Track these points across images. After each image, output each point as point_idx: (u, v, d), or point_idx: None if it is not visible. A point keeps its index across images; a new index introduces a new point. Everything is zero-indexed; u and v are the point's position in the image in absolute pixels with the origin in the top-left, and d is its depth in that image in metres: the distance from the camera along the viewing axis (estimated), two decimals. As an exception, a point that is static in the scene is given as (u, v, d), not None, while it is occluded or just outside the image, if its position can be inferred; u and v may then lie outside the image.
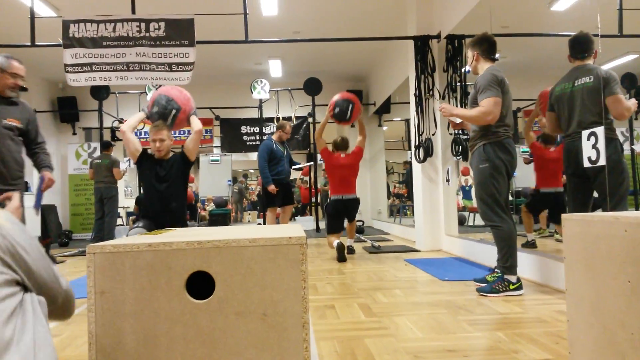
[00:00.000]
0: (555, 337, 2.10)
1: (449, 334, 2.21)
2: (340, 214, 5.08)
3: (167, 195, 3.54)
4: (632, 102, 3.01)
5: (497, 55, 3.26)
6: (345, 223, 5.23)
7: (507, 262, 3.03)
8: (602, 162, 2.74)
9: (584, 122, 2.96)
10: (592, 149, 2.82)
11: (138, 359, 1.14)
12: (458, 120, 3.44)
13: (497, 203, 3.06)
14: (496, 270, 3.21)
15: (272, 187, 5.59)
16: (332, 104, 4.84)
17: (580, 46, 3.08)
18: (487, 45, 3.20)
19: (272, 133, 6.02)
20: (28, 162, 3.36)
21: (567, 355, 1.81)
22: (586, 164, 2.87)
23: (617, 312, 1.49)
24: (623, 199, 2.93)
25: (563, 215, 1.75)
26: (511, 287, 3.00)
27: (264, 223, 7.74)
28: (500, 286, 3.01)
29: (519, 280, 3.03)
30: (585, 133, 2.88)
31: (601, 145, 2.75)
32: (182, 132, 9.93)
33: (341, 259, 4.72)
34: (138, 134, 9.79)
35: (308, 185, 11.06)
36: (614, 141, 2.94)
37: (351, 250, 5.30)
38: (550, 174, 4.84)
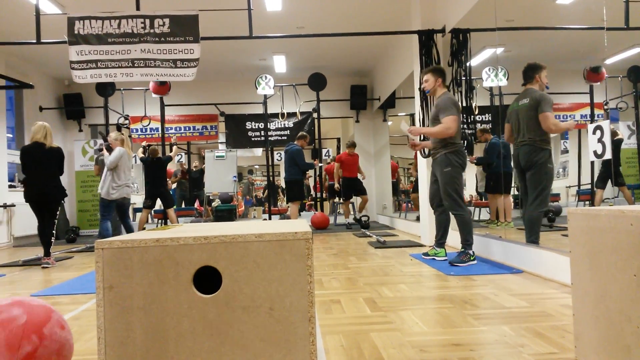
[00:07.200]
0: (561, 331, 2.10)
1: (455, 328, 2.22)
2: (349, 187, 8.64)
3: None
4: (568, 124, 4.23)
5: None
6: (358, 199, 8.76)
7: (469, 240, 3.95)
8: (608, 155, 2.75)
9: (524, 134, 3.78)
10: (597, 142, 2.83)
11: (147, 352, 1.15)
12: (417, 142, 4.38)
13: (460, 197, 3.99)
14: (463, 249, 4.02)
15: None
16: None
17: (525, 74, 3.88)
18: (444, 76, 4.14)
19: (296, 138, 7.84)
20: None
21: (573, 349, 1.81)
22: (592, 157, 2.91)
23: (623, 306, 1.49)
24: (541, 194, 3.70)
25: (568, 209, 1.75)
26: (472, 258, 3.92)
27: (284, 217, 8.65)
28: (465, 258, 3.90)
29: (474, 253, 3.99)
30: (590, 127, 2.92)
31: (607, 139, 2.75)
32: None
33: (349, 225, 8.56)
34: (142, 130, 9.83)
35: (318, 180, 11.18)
36: (545, 150, 3.72)
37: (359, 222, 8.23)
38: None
